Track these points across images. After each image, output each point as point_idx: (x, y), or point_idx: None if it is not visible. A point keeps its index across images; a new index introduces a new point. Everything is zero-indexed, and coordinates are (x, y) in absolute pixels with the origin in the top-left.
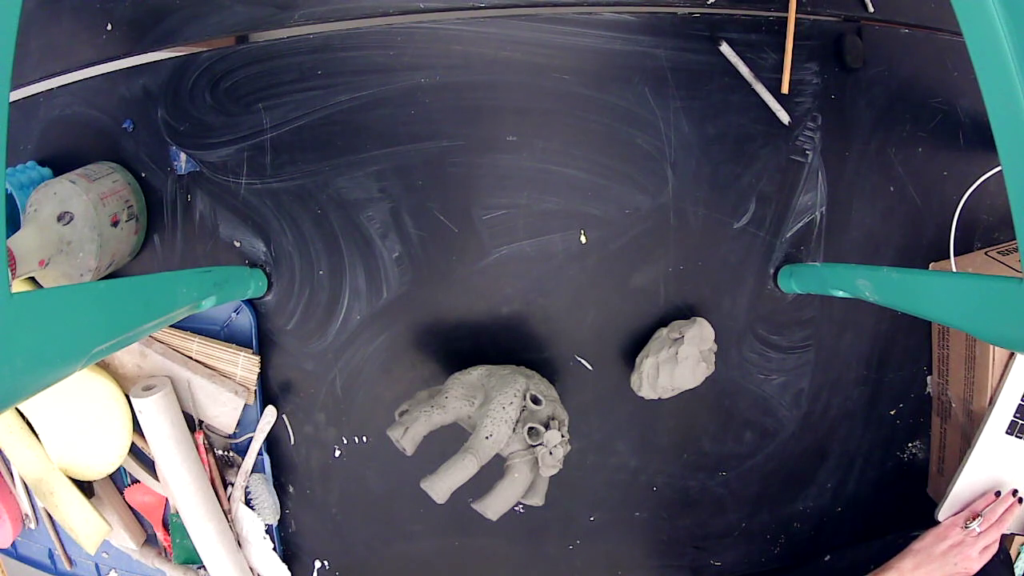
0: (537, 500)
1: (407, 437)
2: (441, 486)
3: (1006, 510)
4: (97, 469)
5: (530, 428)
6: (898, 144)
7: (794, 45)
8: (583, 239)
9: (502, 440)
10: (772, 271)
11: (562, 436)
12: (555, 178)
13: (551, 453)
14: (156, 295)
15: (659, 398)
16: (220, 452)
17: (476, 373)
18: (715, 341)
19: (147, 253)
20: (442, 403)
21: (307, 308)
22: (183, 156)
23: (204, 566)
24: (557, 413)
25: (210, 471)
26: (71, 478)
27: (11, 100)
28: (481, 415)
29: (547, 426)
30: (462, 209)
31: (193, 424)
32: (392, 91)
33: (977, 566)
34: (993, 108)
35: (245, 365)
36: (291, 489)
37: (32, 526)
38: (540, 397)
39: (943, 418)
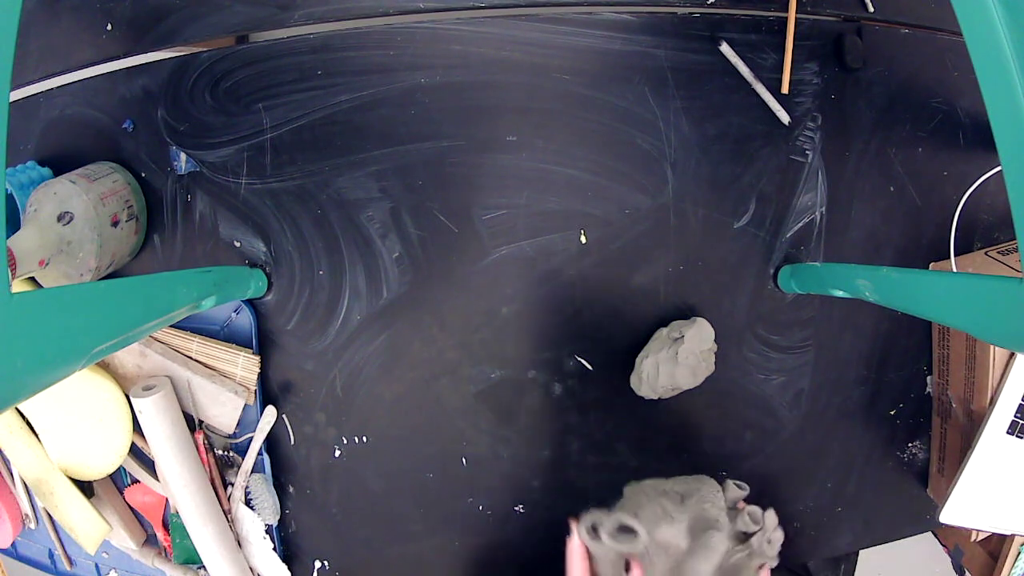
0: None
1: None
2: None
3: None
4: (97, 469)
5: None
6: (898, 144)
7: (794, 45)
8: (583, 239)
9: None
10: (772, 271)
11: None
12: (555, 178)
13: (769, 541)
14: (156, 295)
15: (659, 398)
16: (220, 452)
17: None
18: (715, 341)
19: (147, 253)
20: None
21: (307, 308)
22: (183, 156)
23: (204, 566)
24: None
25: (210, 471)
26: (71, 478)
27: (11, 100)
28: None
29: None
30: (462, 209)
31: (193, 424)
32: (392, 91)
33: None
34: (993, 108)
35: (245, 365)
36: (291, 489)
37: (32, 526)
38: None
39: (943, 418)
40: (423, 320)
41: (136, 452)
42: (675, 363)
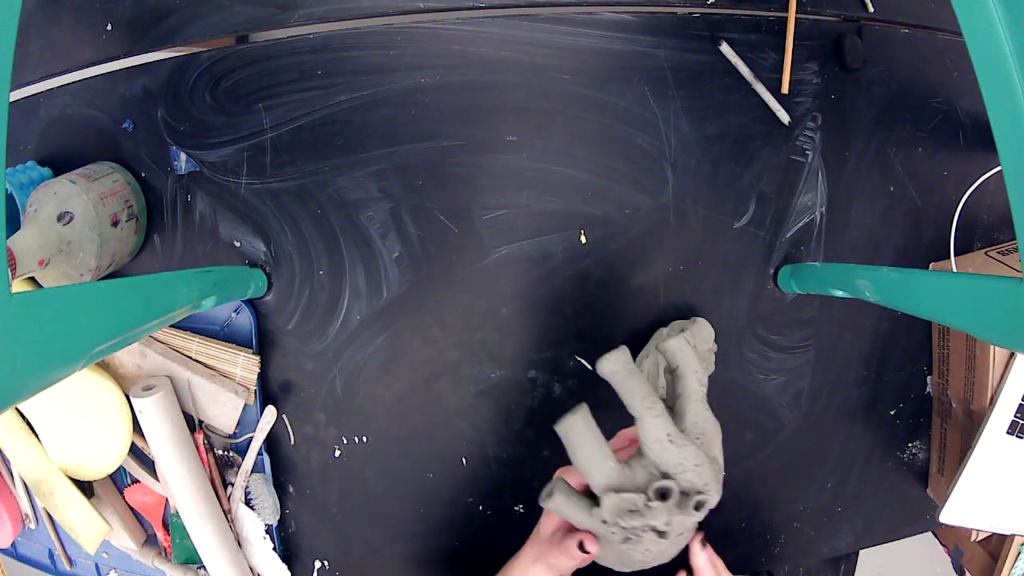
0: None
1: None
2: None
3: None
4: (97, 469)
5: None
6: (898, 144)
7: (794, 45)
8: (583, 239)
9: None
10: (772, 271)
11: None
12: (555, 178)
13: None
14: (156, 295)
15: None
16: (220, 452)
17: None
18: (715, 341)
19: (147, 253)
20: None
21: (307, 308)
22: (183, 156)
23: (204, 566)
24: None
25: (210, 471)
26: (71, 478)
27: (11, 100)
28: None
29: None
30: (462, 209)
31: (193, 424)
32: (392, 91)
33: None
34: (993, 108)
35: (245, 365)
36: (291, 489)
37: (32, 526)
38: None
39: (943, 418)
40: (423, 320)
41: (136, 452)
42: None
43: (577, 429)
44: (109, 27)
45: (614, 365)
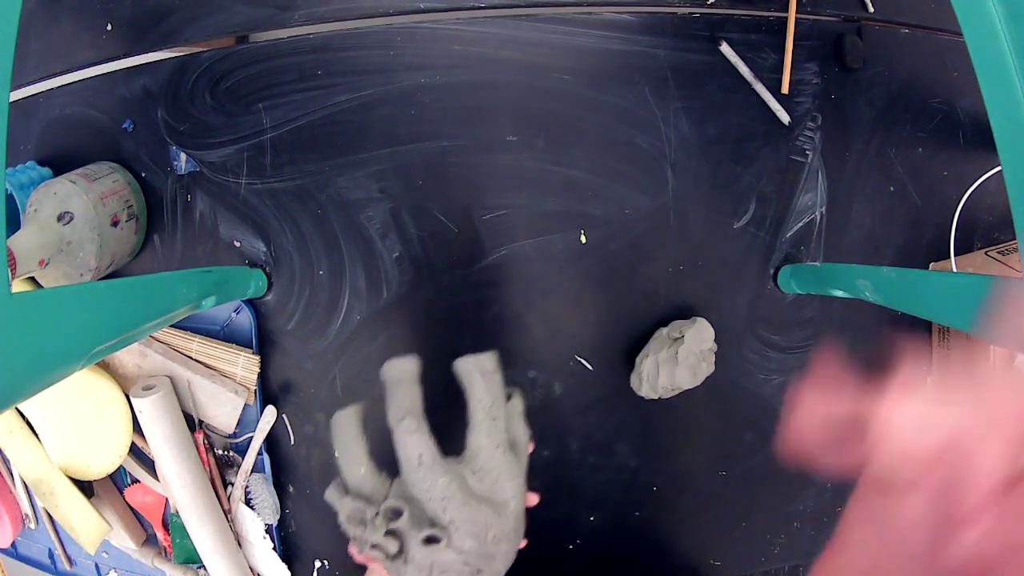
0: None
1: None
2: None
3: None
4: (97, 469)
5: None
6: (898, 144)
7: (794, 45)
8: (583, 239)
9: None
10: (772, 271)
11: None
12: (555, 178)
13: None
14: (156, 295)
15: (659, 398)
16: (220, 452)
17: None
18: (715, 341)
19: (147, 253)
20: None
21: (307, 308)
22: (183, 156)
23: (204, 566)
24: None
25: (210, 471)
26: (71, 478)
27: (11, 100)
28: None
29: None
30: (462, 209)
31: (193, 424)
32: (392, 91)
33: None
34: (993, 108)
35: (245, 365)
36: (291, 489)
37: (32, 526)
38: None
39: None
40: (423, 320)
41: (136, 452)
42: (675, 363)
43: (339, 425)
44: (109, 27)
45: (388, 372)
